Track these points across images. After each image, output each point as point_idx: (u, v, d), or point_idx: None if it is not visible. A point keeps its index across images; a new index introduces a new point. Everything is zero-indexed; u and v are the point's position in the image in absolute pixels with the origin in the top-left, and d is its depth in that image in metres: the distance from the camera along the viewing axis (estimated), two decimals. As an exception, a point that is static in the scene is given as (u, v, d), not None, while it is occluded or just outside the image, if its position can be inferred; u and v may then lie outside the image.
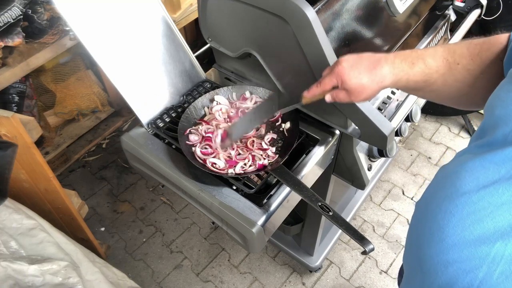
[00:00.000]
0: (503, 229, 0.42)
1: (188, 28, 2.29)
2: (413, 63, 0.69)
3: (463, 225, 0.45)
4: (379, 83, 0.70)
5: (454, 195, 0.48)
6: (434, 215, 0.50)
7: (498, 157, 0.46)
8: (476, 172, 0.47)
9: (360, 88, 0.71)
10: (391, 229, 1.92)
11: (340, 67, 0.71)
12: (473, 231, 0.44)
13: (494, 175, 0.45)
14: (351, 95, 0.73)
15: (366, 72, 0.70)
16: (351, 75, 0.70)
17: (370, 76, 0.69)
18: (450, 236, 0.46)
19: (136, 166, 1.09)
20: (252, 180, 0.92)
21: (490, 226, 0.43)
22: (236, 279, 1.76)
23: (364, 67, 0.70)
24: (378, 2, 1.10)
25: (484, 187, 0.45)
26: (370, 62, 0.70)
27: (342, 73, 0.71)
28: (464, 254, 0.44)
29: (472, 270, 0.43)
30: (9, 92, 1.76)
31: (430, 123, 2.40)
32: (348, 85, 0.71)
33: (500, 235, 0.42)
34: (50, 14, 1.50)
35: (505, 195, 0.43)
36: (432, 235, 0.49)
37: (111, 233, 1.92)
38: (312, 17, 0.82)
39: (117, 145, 2.28)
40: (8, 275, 0.88)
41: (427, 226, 0.51)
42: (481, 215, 0.44)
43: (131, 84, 1.00)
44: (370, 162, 1.13)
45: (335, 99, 0.75)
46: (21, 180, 1.15)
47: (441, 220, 0.48)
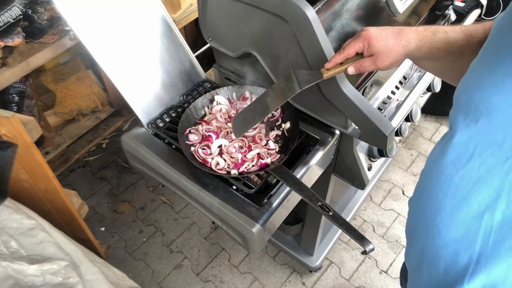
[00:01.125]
0: (486, 201, 0.45)
1: (188, 28, 2.29)
2: (436, 32, 0.72)
3: (451, 207, 0.49)
4: (405, 47, 0.73)
5: (438, 182, 0.51)
6: (425, 204, 0.53)
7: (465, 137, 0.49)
8: (450, 155, 0.50)
9: (387, 50, 0.73)
10: (391, 229, 1.92)
11: (367, 31, 0.73)
12: (462, 210, 0.47)
13: (465, 154, 0.48)
14: (377, 59, 0.74)
15: (393, 36, 0.72)
16: (378, 37, 0.72)
17: (396, 39, 0.72)
18: (442, 220, 0.49)
19: (136, 166, 1.09)
20: (252, 180, 0.92)
21: (474, 202, 0.46)
22: (236, 279, 1.76)
23: (389, 31, 0.73)
24: (378, 2, 1.10)
25: (461, 167, 0.48)
26: (395, 28, 0.73)
27: (369, 36, 0.73)
28: (459, 233, 0.47)
29: (469, 245, 0.46)
30: (9, 92, 1.76)
31: (430, 123, 2.40)
32: (376, 47, 0.73)
33: (485, 207, 0.45)
34: (50, 14, 1.50)
35: (481, 169, 0.46)
36: (428, 223, 0.52)
37: (111, 233, 1.92)
38: (312, 17, 0.82)
39: (117, 145, 2.28)
40: (8, 275, 0.88)
41: (420, 217, 0.54)
42: (464, 193, 0.47)
43: (131, 84, 1.00)
44: (370, 162, 1.13)
45: (359, 69, 0.76)
46: (21, 180, 1.15)
47: (433, 207, 0.51)
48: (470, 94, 0.50)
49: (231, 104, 1.09)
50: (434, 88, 1.31)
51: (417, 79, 1.24)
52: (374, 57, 0.74)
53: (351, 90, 0.86)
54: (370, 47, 0.73)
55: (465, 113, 0.50)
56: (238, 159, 0.94)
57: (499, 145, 0.45)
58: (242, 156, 0.94)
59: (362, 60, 0.75)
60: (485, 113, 0.47)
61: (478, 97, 0.48)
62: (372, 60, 0.74)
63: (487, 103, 0.47)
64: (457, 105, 0.53)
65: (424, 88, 1.25)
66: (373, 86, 1.10)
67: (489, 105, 0.46)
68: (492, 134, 0.46)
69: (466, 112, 0.50)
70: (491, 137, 0.46)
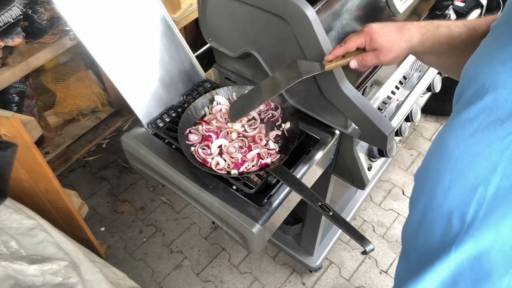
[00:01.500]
0: (482, 174, 0.47)
1: (188, 28, 2.29)
2: (438, 27, 0.73)
3: (449, 178, 0.50)
4: (408, 41, 0.73)
5: (440, 155, 0.53)
6: (427, 176, 0.56)
7: (470, 113, 0.50)
8: (455, 130, 0.52)
9: (390, 44, 0.73)
10: (391, 229, 1.92)
11: (369, 27, 0.74)
12: (458, 181, 0.49)
13: (469, 129, 0.49)
14: (380, 54, 0.74)
15: (395, 31, 0.73)
16: (381, 32, 0.73)
17: (399, 34, 0.73)
18: (440, 190, 0.51)
19: (136, 166, 1.09)
20: (252, 180, 0.92)
21: (471, 174, 0.48)
22: (236, 279, 1.76)
23: (392, 27, 0.73)
24: (378, 2, 1.10)
25: (463, 140, 0.50)
26: (398, 24, 0.74)
27: (372, 31, 0.73)
28: (454, 203, 0.49)
29: (462, 216, 0.48)
30: (9, 92, 1.76)
31: (430, 123, 2.40)
32: (378, 42, 0.73)
33: (480, 180, 0.47)
34: (50, 14, 1.50)
35: (480, 144, 0.47)
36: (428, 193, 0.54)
37: (111, 233, 1.92)
38: (312, 17, 0.82)
39: (117, 145, 2.28)
40: (8, 275, 0.88)
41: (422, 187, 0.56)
42: (463, 166, 0.49)
43: (131, 84, 1.00)
44: (370, 162, 1.13)
45: (361, 63, 0.77)
46: (21, 180, 1.15)
47: (433, 178, 0.54)
48: (477, 71, 0.51)
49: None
50: (434, 88, 1.31)
51: (417, 79, 1.24)
52: (377, 52, 0.74)
53: (351, 90, 0.86)
54: (372, 42, 0.74)
55: (472, 89, 0.51)
56: (238, 159, 0.94)
57: (502, 122, 0.46)
58: (242, 156, 0.94)
59: (365, 54, 0.76)
60: (491, 89, 0.47)
61: (485, 73, 0.49)
62: (375, 55, 0.75)
63: (494, 79, 0.47)
64: (463, 80, 0.54)
65: (424, 88, 1.25)
66: (373, 86, 1.10)
67: (496, 82, 0.47)
68: (496, 110, 0.47)
69: (472, 88, 0.51)
70: (495, 113, 0.47)
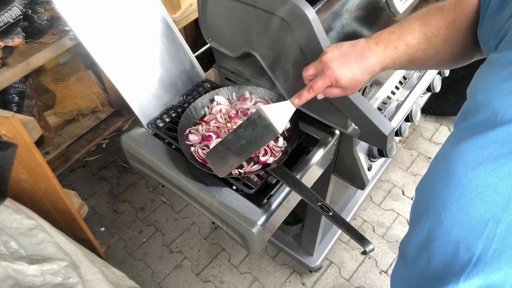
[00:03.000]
0: (492, 208, 0.46)
1: (188, 28, 2.29)
2: (396, 47, 0.71)
3: (457, 208, 0.49)
4: (370, 73, 0.72)
5: (447, 179, 0.52)
6: (431, 199, 0.54)
7: (481, 140, 0.49)
8: (463, 156, 0.51)
9: (355, 83, 0.72)
10: (391, 229, 1.92)
11: (331, 70, 0.71)
12: (467, 212, 0.48)
13: (479, 158, 0.48)
14: (347, 90, 0.74)
15: (356, 65, 0.70)
16: (343, 74, 0.71)
17: (360, 69, 0.71)
18: (447, 218, 0.50)
19: (136, 166, 1.09)
20: (252, 180, 0.92)
21: (480, 206, 0.47)
22: (236, 279, 1.76)
23: (352, 61, 0.70)
24: (378, 2, 1.10)
25: (471, 169, 0.49)
26: (356, 55, 0.71)
27: (334, 74, 0.71)
28: (462, 234, 0.48)
29: (470, 248, 0.47)
30: (9, 92, 1.76)
31: (430, 123, 2.40)
32: (343, 83, 0.72)
33: (491, 214, 0.46)
34: (50, 14, 1.50)
35: (491, 177, 0.46)
36: (433, 218, 0.53)
37: (111, 233, 1.92)
38: (312, 17, 0.82)
39: (117, 145, 2.28)
40: (8, 275, 0.88)
41: (427, 210, 0.55)
42: (471, 196, 0.48)
43: (131, 84, 1.00)
44: (370, 162, 1.13)
45: (329, 96, 0.76)
46: (21, 180, 1.15)
47: (438, 203, 0.52)
48: (488, 97, 0.50)
49: (231, 104, 1.09)
50: (434, 88, 1.31)
51: (417, 79, 1.24)
52: (344, 89, 0.74)
53: (351, 90, 0.86)
54: (337, 83, 0.72)
55: (482, 114, 0.50)
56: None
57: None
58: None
59: (331, 89, 0.74)
60: (504, 121, 0.47)
61: (497, 103, 0.48)
62: (342, 91, 0.74)
63: (506, 111, 0.47)
64: (472, 101, 0.53)
65: (424, 88, 1.25)
66: (373, 86, 1.10)
67: (509, 114, 0.46)
68: (510, 143, 0.46)
69: (483, 114, 0.50)
70: (509, 146, 0.46)
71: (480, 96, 0.52)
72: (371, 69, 0.71)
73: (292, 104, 0.76)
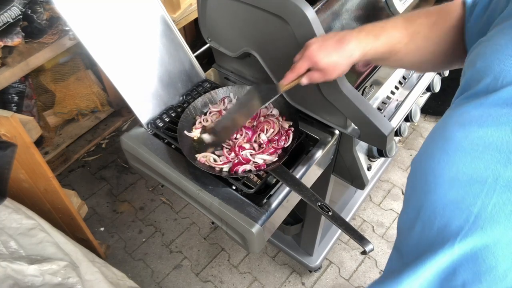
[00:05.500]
0: (492, 166, 0.45)
1: (188, 28, 2.29)
2: (377, 36, 0.73)
3: (456, 169, 0.49)
4: (348, 58, 0.74)
5: (445, 144, 0.51)
6: (428, 167, 0.53)
7: (482, 105, 0.48)
8: (462, 119, 0.50)
9: (332, 66, 0.74)
10: (390, 229, 1.92)
11: (309, 51, 0.75)
12: (466, 172, 0.48)
13: (480, 121, 0.48)
14: (325, 74, 0.76)
15: (334, 50, 0.73)
16: (321, 56, 0.74)
17: (338, 53, 0.73)
18: (445, 181, 0.50)
19: (136, 166, 1.09)
20: (251, 180, 0.92)
21: (480, 165, 0.46)
22: (235, 279, 1.76)
23: (331, 46, 0.74)
24: (378, 2, 1.10)
25: (472, 132, 0.48)
26: (336, 40, 0.74)
27: (312, 55, 0.74)
28: (460, 194, 0.48)
29: (467, 207, 0.46)
30: (9, 92, 1.75)
31: (429, 123, 2.40)
32: (321, 65, 0.74)
33: (490, 172, 0.45)
34: (50, 14, 1.49)
35: (493, 137, 0.46)
36: (429, 184, 0.52)
37: (111, 233, 1.92)
38: (311, 17, 0.82)
39: (116, 145, 2.28)
40: (8, 275, 0.88)
41: (423, 178, 0.54)
42: (472, 157, 0.47)
43: (130, 84, 1.00)
44: (370, 162, 1.13)
45: (311, 80, 0.79)
46: (20, 180, 1.15)
47: (436, 169, 0.51)
48: (487, 62, 0.50)
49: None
50: (433, 88, 1.31)
51: (416, 79, 1.24)
52: (323, 72, 0.76)
53: (350, 90, 0.86)
54: (315, 65, 0.75)
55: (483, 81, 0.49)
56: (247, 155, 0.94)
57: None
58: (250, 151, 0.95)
59: (312, 73, 0.78)
60: (505, 84, 0.46)
61: (498, 67, 0.48)
62: (321, 74, 0.77)
63: (507, 74, 0.46)
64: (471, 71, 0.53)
65: (423, 88, 1.25)
66: (373, 86, 1.10)
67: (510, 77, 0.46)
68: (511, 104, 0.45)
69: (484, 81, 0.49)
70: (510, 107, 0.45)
71: (480, 64, 0.51)
72: (349, 54, 0.73)
73: (278, 85, 0.83)
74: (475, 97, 0.50)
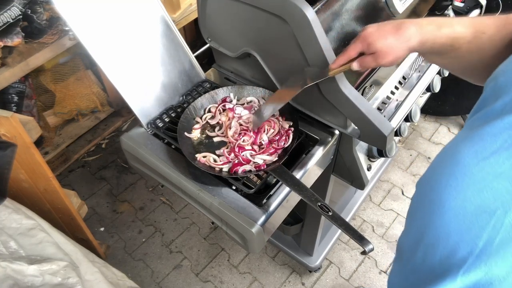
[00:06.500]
0: (502, 197, 0.43)
1: (188, 28, 2.29)
2: (441, 26, 0.70)
3: (463, 197, 0.46)
4: (406, 43, 0.71)
5: (454, 169, 0.48)
6: (434, 190, 0.51)
7: (495, 128, 0.46)
8: (475, 144, 0.47)
9: (387, 48, 0.72)
10: (390, 229, 1.92)
11: (365, 32, 0.73)
12: (474, 202, 0.45)
13: (492, 146, 0.45)
14: (378, 57, 0.74)
15: (392, 33, 0.71)
16: (376, 36, 0.72)
17: (396, 36, 0.71)
18: (451, 208, 0.47)
19: (136, 166, 1.09)
20: (251, 180, 0.92)
21: (489, 195, 0.44)
22: (235, 279, 1.76)
23: (389, 28, 0.72)
24: (378, 2, 1.10)
25: (483, 158, 0.46)
26: (396, 24, 0.72)
27: (367, 36, 0.73)
28: (465, 224, 0.45)
29: (473, 239, 0.43)
30: (9, 92, 1.75)
31: (429, 123, 2.40)
32: (375, 46, 0.72)
33: (500, 203, 0.43)
34: (50, 14, 1.49)
35: (505, 165, 0.44)
36: (434, 210, 0.49)
37: (111, 233, 1.92)
38: (311, 17, 0.82)
39: (116, 145, 2.28)
40: (8, 275, 0.88)
41: (428, 201, 0.51)
42: (481, 185, 0.45)
43: (130, 84, 1.00)
44: (370, 162, 1.13)
45: (362, 65, 0.77)
46: (20, 180, 1.15)
47: (442, 194, 0.49)
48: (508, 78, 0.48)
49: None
50: (433, 88, 1.31)
51: (416, 79, 1.24)
52: (375, 55, 0.74)
53: (350, 90, 0.86)
54: (369, 46, 0.73)
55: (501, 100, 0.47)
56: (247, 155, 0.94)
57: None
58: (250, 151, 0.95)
59: (365, 57, 0.76)
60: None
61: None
62: (373, 58, 0.74)
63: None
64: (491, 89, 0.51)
65: (423, 88, 1.25)
66: (373, 86, 1.10)
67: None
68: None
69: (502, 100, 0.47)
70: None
71: (501, 79, 0.49)
72: (407, 39, 0.71)
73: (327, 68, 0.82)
74: (490, 117, 0.48)
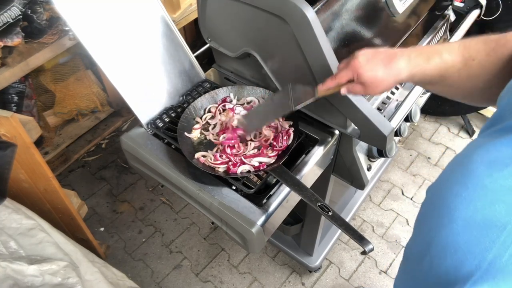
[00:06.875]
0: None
1: (188, 28, 2.29)
2: (429, 58, 0.69)
3: (474, 208, 0.45)
4: (395, 76, 0.71)
5: (466, 179, 0.48)
6: (445, 199, 0.50)
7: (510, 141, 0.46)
8: (488, 156, 0.47)
9: (376, 81, 0.72)
10: (390, 229, 1.92)
11: (356, 61, 0.73)
12: (484, 214, 0.44)
13: (506, 159, 0.45)
14: (367, 88, 0.74)
15: (382, 65, 0.71)
16: (366, 68, 0.72)
17: (385, 69, 0.71)
18: (460, 218, 0.46)
19: (136, 166, 1.09)
20: (251, 180, 0.92)
21: (501, 209, 0.43)
22: (235, 279, 1.76)
23: (379, 60, 0.71)
24: (378, 2, 1.10)
25: (497, 170, 0.45)
26: (386, 56, 0.71)
27: (357, 66, 0.72)
28: (474, 237, 0.44)
29: (481, 252, 0.43)
30: (9, 92, 1.75)
31: (429, 123, 2.40)
32: (364, 78, 0.72)
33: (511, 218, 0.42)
34: (50, 14, 1.50)
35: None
36: (443, 218, 0.49)
37: (111, 233, 1.92)
38: (311, 17, 0.82)
39: (116, 145, 2.28)
40: (8, 275, 0.88)
41: (438, 210, 0.51)
42: (493, 198, 0.44)
43: (130, 84, 1.00)
44: (370, 162, 1.13)
45: (350, 92, 0.77)
46: (20, 180, 1.15)
47: (452, 203, 0.48)
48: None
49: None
50: (433, 88, 1.31)
51: (416, 79, 1.24)
52: (365, 86, 0.74)
53: (350, 90, 0.86)
54: (359, 77, 0.73)
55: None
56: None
57: None
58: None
59: (354, 85, 0.76)
60: None
61: None
62: (363, 87, 0.75)
63: None
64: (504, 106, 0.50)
65: (423, 89, 1.25)
66: (373, 86, 1.10)
67: None
68: None
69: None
70: None
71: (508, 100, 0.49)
72: (397, 73, 0.70)
73: (316, 89, 0.81)
74: (506, 132, 0.47)
